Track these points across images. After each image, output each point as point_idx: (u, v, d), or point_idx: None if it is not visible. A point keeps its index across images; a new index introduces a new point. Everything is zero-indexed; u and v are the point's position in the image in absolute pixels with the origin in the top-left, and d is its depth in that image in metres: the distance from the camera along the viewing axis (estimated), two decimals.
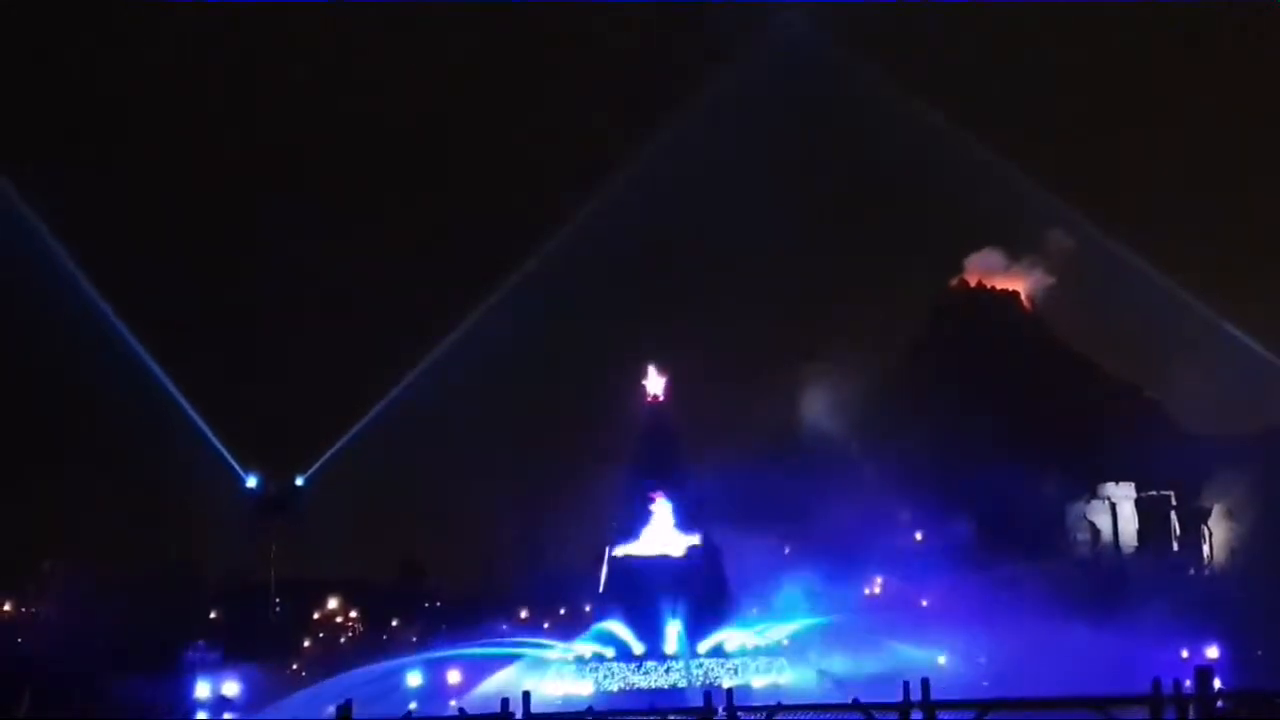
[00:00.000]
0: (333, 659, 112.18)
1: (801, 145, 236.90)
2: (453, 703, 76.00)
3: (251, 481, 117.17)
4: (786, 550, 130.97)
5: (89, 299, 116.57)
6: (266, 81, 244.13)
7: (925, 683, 38.67)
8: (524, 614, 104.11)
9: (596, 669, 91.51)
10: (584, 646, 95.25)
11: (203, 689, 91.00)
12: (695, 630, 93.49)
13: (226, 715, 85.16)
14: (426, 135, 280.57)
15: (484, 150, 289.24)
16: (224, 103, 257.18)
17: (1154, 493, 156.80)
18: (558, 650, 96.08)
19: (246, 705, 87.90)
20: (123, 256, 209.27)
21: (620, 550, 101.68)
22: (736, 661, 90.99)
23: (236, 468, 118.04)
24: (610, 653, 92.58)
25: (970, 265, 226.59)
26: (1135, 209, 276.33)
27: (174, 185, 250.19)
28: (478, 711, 42.48)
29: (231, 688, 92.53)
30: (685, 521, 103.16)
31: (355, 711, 38.36)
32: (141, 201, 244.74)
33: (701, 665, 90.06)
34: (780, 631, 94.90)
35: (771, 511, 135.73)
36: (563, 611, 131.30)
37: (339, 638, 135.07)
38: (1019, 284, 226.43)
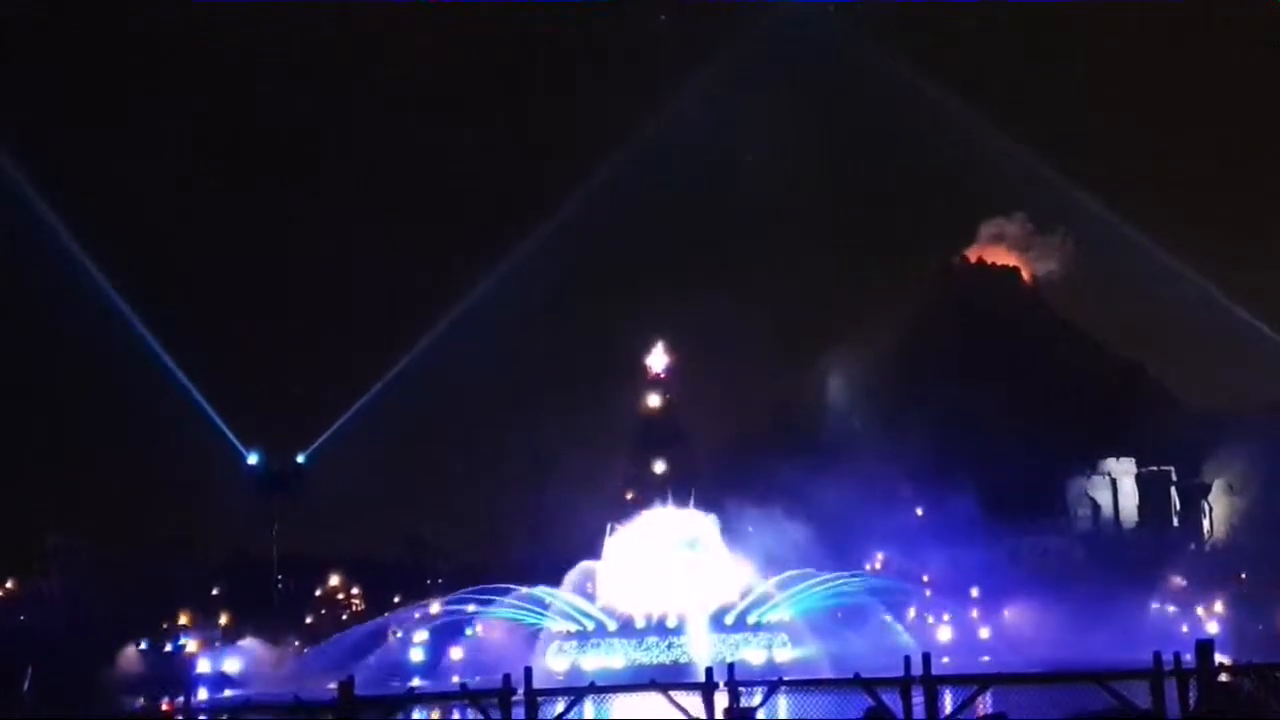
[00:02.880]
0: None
1: (813, 123, 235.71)
2: (455, 678, 76.13)
3: (253, 459, 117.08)
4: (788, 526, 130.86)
5: (88, 275, 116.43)
6: (268, 59, 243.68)
7: (926, 657, 38.81)
8: (525, 590, 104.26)
9: (599, 644, 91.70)
10: (581, 601, 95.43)
11: (204, 665, 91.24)
12: (697, 606, 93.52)
13: (228, 691, 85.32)
14: (430, 108, 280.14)
15: (490, 124, 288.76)
16: (226, 79, 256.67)
17: (1155, 468, 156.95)
18: (558, 601, 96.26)
19: (248, 681, 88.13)
20: (123, 231, 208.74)
21: (623, 525, 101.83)
22: (738, 637, 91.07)
23: (238, 445, 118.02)
24: (613, 625, 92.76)
25: (984, 233, 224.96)
26: (1138, 186, 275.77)
27: (175, 160, 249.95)
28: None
29: (233, 664, 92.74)
30: (688, 496, 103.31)
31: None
32: (142, 176, 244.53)
33: (704, 640, 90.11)
34: (783, 607, 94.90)
35: (773, 486, 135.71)
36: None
37: (341, 614, 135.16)
38: (1028, 260, 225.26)
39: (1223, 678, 38.40)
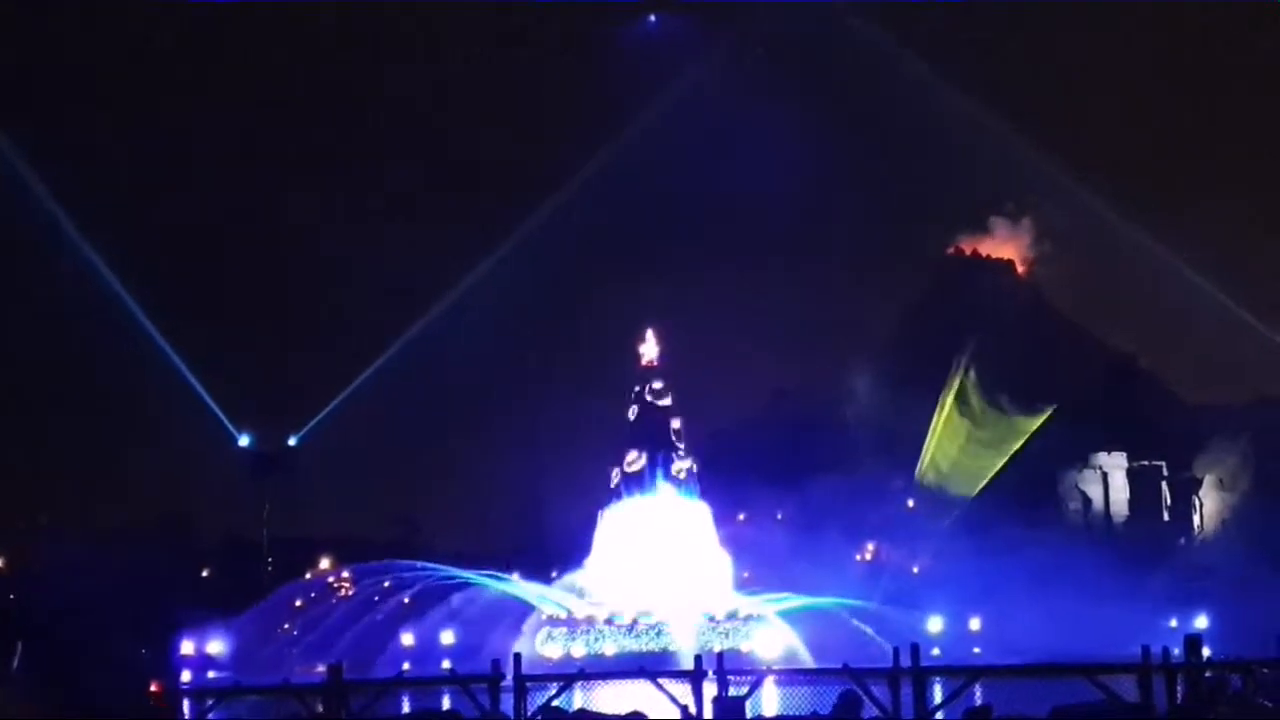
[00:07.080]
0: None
1: (812, 110, 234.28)
2: (445, 663, 76.25)
3: (244, 440, 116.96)
4: (779, 515, 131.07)
5: (79, 252, 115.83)
6: (262, 36, 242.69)
7: (915, 649, 38.85)
8: (515, 577, 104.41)
9: (588, 631, 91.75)
10: (570, 599, 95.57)
11: (187, 647, 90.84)
12: (687, 594, 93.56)
13: (211, 673, 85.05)
14: (427, 91, 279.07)
15: (484, 108, 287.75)
16: (219, 57, 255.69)
17: (1146, 462, 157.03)
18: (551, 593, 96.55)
19: (234, 664, 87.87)
20: (114, 210, 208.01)
21: (613, 512, 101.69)
22: (727, 626, 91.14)
23: (229, 427, 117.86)
24: (603, 613, 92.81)
25: (992, 222, 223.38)
26: (1129, 177, 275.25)
27: (166, 139, 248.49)
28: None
29: (216, 645, 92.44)
30: (679, 485, 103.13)
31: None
32: (133, 154, 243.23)
33: (693, 629, 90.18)
34: (774, 601, 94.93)
35: (764, 476, 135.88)
36: (555, 575, 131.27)
37: (331, 598, 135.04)
38: (1031, 256, 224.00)
39: (1210, 673, 38.51)
